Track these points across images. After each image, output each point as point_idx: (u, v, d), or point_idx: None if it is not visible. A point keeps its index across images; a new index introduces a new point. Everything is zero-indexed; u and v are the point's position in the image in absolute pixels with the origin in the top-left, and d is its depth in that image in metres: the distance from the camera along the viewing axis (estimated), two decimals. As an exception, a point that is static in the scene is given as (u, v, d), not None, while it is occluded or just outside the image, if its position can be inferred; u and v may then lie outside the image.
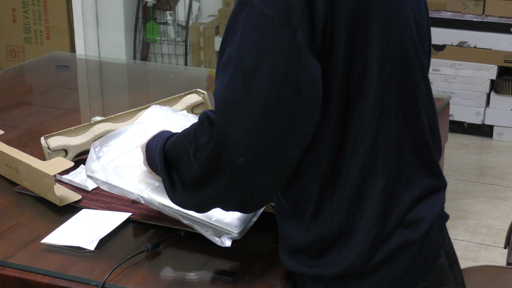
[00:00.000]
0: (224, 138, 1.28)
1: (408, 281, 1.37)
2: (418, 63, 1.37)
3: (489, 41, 4.36)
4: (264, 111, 1.25)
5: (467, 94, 4.43)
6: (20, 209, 1.74)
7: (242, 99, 1.25)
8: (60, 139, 1.91)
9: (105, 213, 1.68)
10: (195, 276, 1.49)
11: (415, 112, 1.36)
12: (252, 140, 1.27)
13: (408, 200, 1.35)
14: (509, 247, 2.27)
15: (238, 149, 1.27)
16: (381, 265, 1.34)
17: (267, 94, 1.24)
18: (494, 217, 3.59)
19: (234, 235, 1.52)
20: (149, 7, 4.34)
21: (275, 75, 1.23)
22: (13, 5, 4.51)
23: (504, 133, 4.43)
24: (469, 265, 2.19)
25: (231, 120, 1.27)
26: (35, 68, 2.81)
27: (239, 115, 1.26)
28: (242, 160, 1.28)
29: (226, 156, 1.29)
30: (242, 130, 1.26)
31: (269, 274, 1.50)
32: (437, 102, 2.36)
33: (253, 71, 1.24)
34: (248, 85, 1.25)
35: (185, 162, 1.36)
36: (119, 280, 1.46)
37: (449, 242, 1.46)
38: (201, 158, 1.32)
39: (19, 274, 1.50)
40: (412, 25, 1.36)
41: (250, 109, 1.25)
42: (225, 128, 1.27)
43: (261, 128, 1.26)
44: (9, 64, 4.52)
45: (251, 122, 1.26)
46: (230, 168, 1.30)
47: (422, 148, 1.37)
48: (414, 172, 1.36)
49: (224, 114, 1.27)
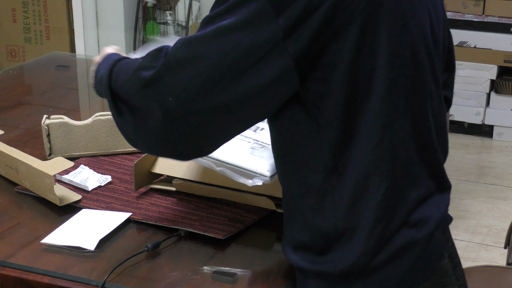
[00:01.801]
0: (168, 71, 1.31)
1: (412, 281, 1.37)
2: (430, 64, 1.36)
3: (489, 41, 4.36)
4: (215, 69, 1.28)
5: (467, 94, 4.43)
6: (20, 209, 1.74)
7: (200, 49, 1.29)
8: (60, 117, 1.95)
9: (105, 213, 1.68)
10: (195, 276, 1.49)
11: (423, 113, 1.36)
12: (189, 87, 1.30)
13: (413, 200, 1.35)
14: (509, 247, 2.27)
15: (173, 88, 1.30)
16: (385, 264, 1.34)
17: (224, 56, 1.27)
18: (494, 217, 3.59)
19: (266, 179, 1.54)
20: (149, 7, 4.34)
21: (242, 43, 1.26)
22: (13, 5, 4.51)
23: (504, 133, 4.43)
24: (469, 265, 2.19)
25: (182, 60, 1.30)
26: (35, 68, 2.81)
27: (192, 60, 1.29)
28: (171, 100, 1.31)
29: (161, 90, 1.32)
30: (186, 74, 1.30)
31: (269, 274, 1.50)
32: (437, 102, 2.36)
33: (227, 30, 1.27)
34: (213, 41, 1.28)
35: (126, 79, 1.39)
36: (119, 280, 1.46)
37: (452, 244, 1.47)
38: (140, 77, 1.35)
39: (19, 274, 1.50)
40: (426, 26, 1.35)
41: (204, 60, 1.28)
42: (173, 64, 1.31)
43: (203, 80, 1.29)
44: (9, 64, 4.52)
45: (198, 71, 1.29)
46: (158, 102, 1.32)
47: (427, 149, 1.37)
48: (419, 172, 1.36)
49: (180, 52, 1.31)
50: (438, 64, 1.42)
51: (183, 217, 1.66)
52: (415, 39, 1.32)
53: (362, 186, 1.32)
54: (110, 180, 1.83)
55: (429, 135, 1.38)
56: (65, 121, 1.94)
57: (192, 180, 1.72)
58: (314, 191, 1.34)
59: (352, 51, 1.26)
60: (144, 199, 1.75)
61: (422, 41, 1.34)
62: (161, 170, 1.76)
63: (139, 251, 1.54)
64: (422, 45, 1.34)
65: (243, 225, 1.64)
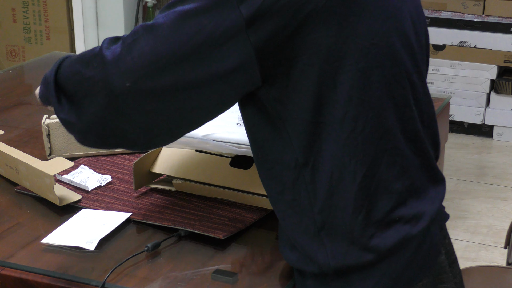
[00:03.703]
0: (127, 51, 1.30)
1: (409, 277, 1.37)
2: (410, 55, 1.36)
3: (489, 41, 4.36)
4: (176, 51, 1.26)
5: (467, 94, 4.43)
6: (20, 209, 1.74)
7: (162, 31, 1.28)
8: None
9: (105, 213, 1.68)
10: (195, 276, 1.49)
11: (406, 103, 1.35)
12: (147, 65, 1.28)
13: (399, 190, 1.34)
14: (509, 247, 2.27)
15: (131, 73, 1.29)
16: (381, 260, 1.34)
17: (188, 39, 1.26)
18: (494, 217, 3.59)
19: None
20: (149, 7, 4.34)
21: (205, 28, 1.25)
22: (13, 5, 4.51)
23: (504, 133, 4.43)
24: (469, 265, 2.19)
25: (141, 41, 1.29)
26: (35, 68, 2.81)
27: (155, 42, 1.28)
28: (128, 86, 1.29)
29: (118, 73, 1.30)
30: (146, 54, 1.28)
31: (269, 274, 1.50)
32: (437, 102, 2.36)
33: (191, 14, 1.26)
34: (175, 24, 1.27)
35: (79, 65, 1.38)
36: (119, 280, 1.46)
37: (449, 241, 1.47)
38: (100, 56, 1.33)
39: (19, 274, 1.50)
40: (402, 17, 1.35)
41: (165, 43, 1.27)
42: (132, 45, 1.30)
43: (162, 60, 1.27)
44: (9, 64, 4.52)
45: (158, 51, 1.27)
46: (112, 88, 1.31)
47: (412, 139, 1.37)
48: (407, 163, 1.36)
49: (140, 34, 1.30)
50: (421, 56, 1.41)
51: (183, 217, 1.66)
52: (390, 29, 1.31)
53: (337, 179, 1.31)
54: (110, 180, 1.83)
55: (413, 125, 1.37)
56: None
57: (192, 180, 1.72)
58: (289, 188, 1.34)
59: (316, 43, 1.26)
60: (144, 199, 1.75)
61: (396, 32, 1.33)
62: (161, 169, 1.76)
63: (139, 251, 1.54)
64: (396, 35, 1.33)
65: (243, 225, 1.64)
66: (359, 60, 1.28)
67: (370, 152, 1.31)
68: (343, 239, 1.33)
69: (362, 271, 1.35)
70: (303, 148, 1.31)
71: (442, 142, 2.42)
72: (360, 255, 1.33)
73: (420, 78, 1.40)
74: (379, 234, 1.33)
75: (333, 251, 1.33)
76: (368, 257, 1.33)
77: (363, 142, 1.30)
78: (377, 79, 1.30)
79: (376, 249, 1.33)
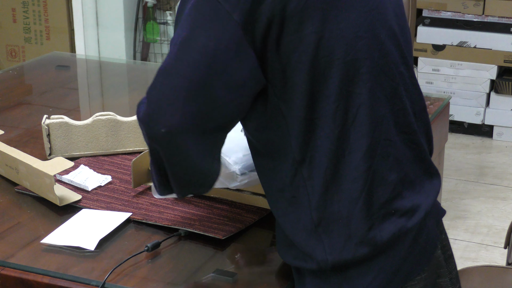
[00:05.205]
0: (152, 104, 1.31)
1: (407, 271, 1.37)
2: (396, 46, 1.37)
3: (489, 41, 4.36)
4: (190, 82, 1.28)
5: (467, 94, 4.43)
6: (20, 209, 1.75)
7: (172, 68, 1.29)
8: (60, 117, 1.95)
9: (105, 213, 1.68)
10: (195, 276, 1.49)
11: (396, 94, 1.36)
12: (174, 111, 1.29)
13: (394, 181, 1.35)
14: (509, 247, 2.27)
15: (162, 118, 1.30)
16: (378, 255, 1.34)
17: (195, 66, 1.27)
18: (494, 217, 3.59)
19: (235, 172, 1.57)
20: (149, 7, 4.34)
21: (205, 49, 1.27)
22: (13, 5, 4.51)
23: (504, 133, 4.43)
24: (469, 265, 2.19)
25: (160, 87, 1.30)
26: (35, 68, 2.81)
27: (167, 83, 1.29)
28: (164, 131, 1.30)
29: (153, 124, 1.31)
30: (167, 99, 1.29)
31: (269, 274, 1.50)
32: (437, 102, 2.36)
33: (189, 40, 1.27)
34: (180, 55, 1.28)
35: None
36: (119, 280, 1.47)
37: (446, 236, 1.47)
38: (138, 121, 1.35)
39: (19, 274, 1.50)
40: (385, 9, 1.36)
41: (177, 78, 1.28)
42: (154, 95, 1.31)
43: (185, 99, 1.28)
44: (9, 64, 4.52)
45: (176, 91, 1.29)
46: (155, 139, 1.33)
47: (405, 130, 1.38)
48: (401, 154, 1.36)
49: (156, 81, 1.31)
50: (407, 48, 1.42)
51: (183, 217, 1.66)
52: (373, 22, 1.33)
53: (332, 173, 1.32)
54: (110, 180, 1.83)
55: (405, 116, 1.38)
56: (65, 121, 1.94)
57: None
58: (289, 185, 1.35)
59: (303, 40, 1.28)
60: (144, 199, 1.75)
61: (380, 23, 1.34)
62: None
63: (139, 251, 1.54)
64: (381, 27, 1.34)
65: (243, 225, 1.64)
66: (347, 53, 1.30)
67: (363, 144, 1.32)
68: (340, 234, 1.33)
69: (360, 266, 1.35)
70: (300, 145, 1.32)
71: (442, 142, 2.42)
72: (357, 249, 1.33)
73: (408, 70, 1.41)
74: (375, 227, 1.33)
75: (331, 246, 1.34)
76: (364, 250, 1.33)
77: (355, 134, 1.31)
78: (366, 70, 1.32)
79: (373, 242, 1.33)
